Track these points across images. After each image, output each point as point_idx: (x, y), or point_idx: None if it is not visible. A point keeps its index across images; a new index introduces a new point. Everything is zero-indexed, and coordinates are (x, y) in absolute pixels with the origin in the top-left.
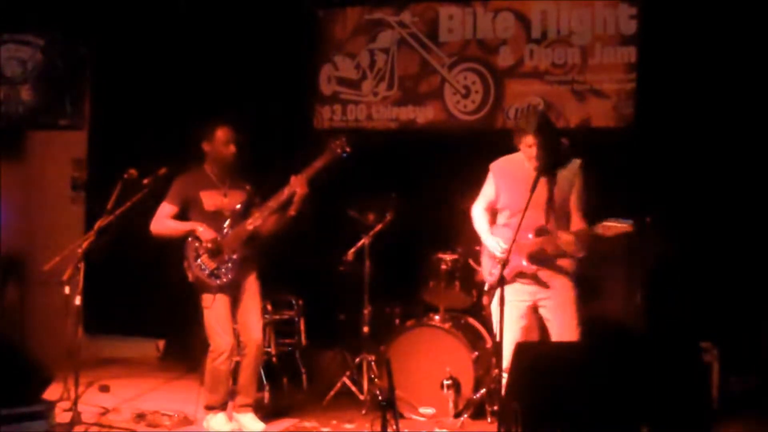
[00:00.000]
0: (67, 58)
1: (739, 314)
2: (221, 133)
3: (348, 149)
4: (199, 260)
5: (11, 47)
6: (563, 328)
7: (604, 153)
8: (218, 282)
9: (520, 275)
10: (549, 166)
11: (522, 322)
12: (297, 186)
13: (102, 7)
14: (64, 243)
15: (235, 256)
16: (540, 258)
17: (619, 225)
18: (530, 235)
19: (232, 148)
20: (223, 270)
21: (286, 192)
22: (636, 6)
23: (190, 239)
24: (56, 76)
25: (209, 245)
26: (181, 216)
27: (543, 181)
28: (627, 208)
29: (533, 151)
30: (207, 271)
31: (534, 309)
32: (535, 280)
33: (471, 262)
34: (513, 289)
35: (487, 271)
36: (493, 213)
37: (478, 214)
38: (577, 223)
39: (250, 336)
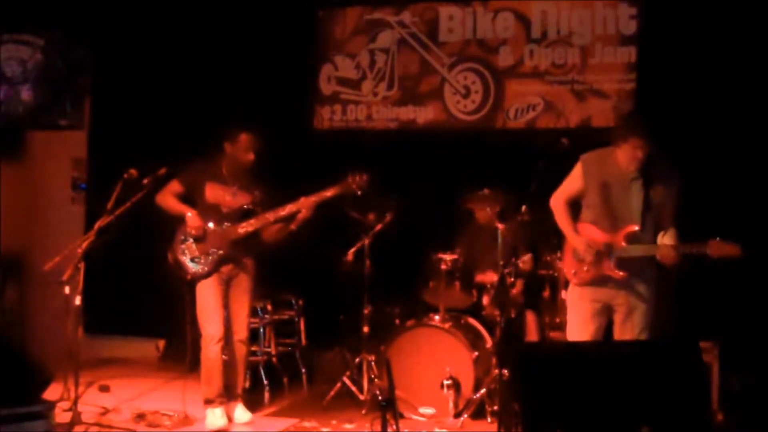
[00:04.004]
0: (67, 58)
1: (739, 314)
2: (244, 139)
3: (363, 190)
4: (183, 244)
5: (11, 47)
6: (631, 331)
7: None
8: (194, 270)
9: (604, 279)
10: (648, 171)
11: (595, 323)
12: (304, 207)
13: (102, 8)
14: (64, 243)
15: (220, 252)
16: (629, 263)
17: (728, 247)
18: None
19: (251, 156)
20: (202, 260)
21: (287, 208)
22: (636, 6)
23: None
24: (56, 76)
25: (192, 232)
26: (186, 199)
27: (639, 185)
28: None
29: (639, 154)
30: (187, 257)
31: (607, 310)
32: (617, 284)
33: (549, 258)
34: (591, 290)
35: (571, 270)
36: (574, 206)
37: (562, 208)
38: (668, 231)
39: (235, 332)
